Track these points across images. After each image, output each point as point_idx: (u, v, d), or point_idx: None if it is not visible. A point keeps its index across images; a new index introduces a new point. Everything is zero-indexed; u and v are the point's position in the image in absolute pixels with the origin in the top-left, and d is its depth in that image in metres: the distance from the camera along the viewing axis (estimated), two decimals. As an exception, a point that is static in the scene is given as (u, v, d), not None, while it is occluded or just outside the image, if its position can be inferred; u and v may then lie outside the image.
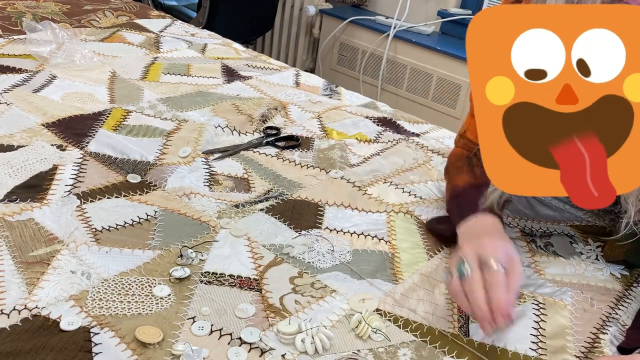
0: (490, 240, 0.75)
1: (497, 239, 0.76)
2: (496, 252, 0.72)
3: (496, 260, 0.70)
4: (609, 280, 0.89)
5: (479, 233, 0.79)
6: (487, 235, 0.76)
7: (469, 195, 0.89)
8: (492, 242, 0.74)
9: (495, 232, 0.80)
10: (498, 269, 0.70)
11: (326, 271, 0.84)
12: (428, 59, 2.61)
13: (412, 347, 0.72)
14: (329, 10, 2.97)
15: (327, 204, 1.01)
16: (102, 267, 0.79)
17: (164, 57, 1.62)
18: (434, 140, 1.31)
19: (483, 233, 0.78)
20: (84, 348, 0.66)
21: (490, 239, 0.75)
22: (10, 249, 0.80)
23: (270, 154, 1.16)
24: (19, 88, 1.30)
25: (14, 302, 0.71)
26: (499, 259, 0.71)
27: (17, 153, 1.04)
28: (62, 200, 0.93)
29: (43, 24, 1.54)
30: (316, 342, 0.70)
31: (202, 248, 0.86)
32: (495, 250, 0.72)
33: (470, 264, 0.71)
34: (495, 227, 0.82)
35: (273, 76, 1.58)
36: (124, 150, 1.09)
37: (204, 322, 0.72)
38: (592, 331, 0.79)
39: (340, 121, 1.34)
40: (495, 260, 0.70)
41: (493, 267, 0.70)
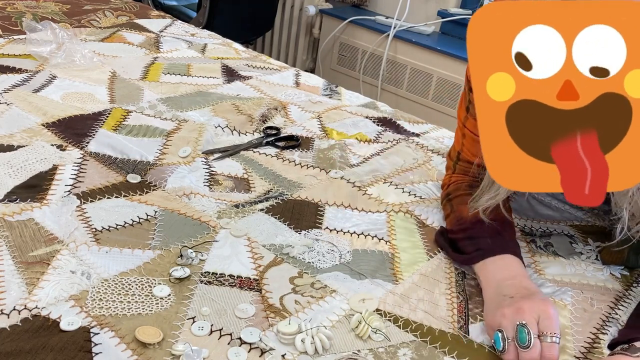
0: (528, 303, 0.71)
1: (534, 300, 0.72)
2: (554, 328, 0.68)
3: (533, 333, 0.68)
4: (609, 280, 0.89)
5: (518, 287, 0.76)
6: (522, 296, 0.73)
7: (480, 229, 0.86)
8: (530, 306, 0.70)
9: (528, 288, 0.76)
10: (533, 345, 0.67)
11: (326, 271, 0.84)
12: (428, 59, 2.61)
13: (412, 347, 0.72)
14: (329, 10, 2.97)
15: (327, 204, 1.01)
16: (102, 267, 0.79)
17: (164, 57, 1.62)
18: (434, 140, 1.31)
19: (523, 288, 0.75)
20: (84, 348, 0.66)
21: (528, 302, 0.71)
22: (10, 249, 0.80)
23: (270, 154, 1.16)
24: (19, 88, 1.30)
25: (14, 302, 0.71)
26: (534, 329, 0.68)
27: (17, 153, 1.04)
28: (62, 200, 0.93)
29: (43, 24, 1.54)
30: (316, 342, 0.70)
31: (202, 248, 0.86)
32: (552, 325, 0.69)
33: (508, 336, 0.69)
34: (526, 277, 0.79)
35: (273, 76, 1.58)
36: (124, 150, 1.09)
37: (204, 322, 0.72)
38: (592, 331, 0.79)
39: (340, 121, 1.34)
40: (532, 333, 0.68)
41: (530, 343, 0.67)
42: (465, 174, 0.97)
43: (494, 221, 0.86)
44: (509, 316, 0.70)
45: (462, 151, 0.96)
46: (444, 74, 2.57)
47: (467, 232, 0.88)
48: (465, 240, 0.87)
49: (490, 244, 0.84)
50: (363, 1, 2.97)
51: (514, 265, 0.81)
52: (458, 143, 0.97)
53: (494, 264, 0.82)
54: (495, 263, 0.82)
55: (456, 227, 0.90)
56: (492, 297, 0.77)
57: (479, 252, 0.84)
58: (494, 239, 0.85)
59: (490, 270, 0.81)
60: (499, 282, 0.78)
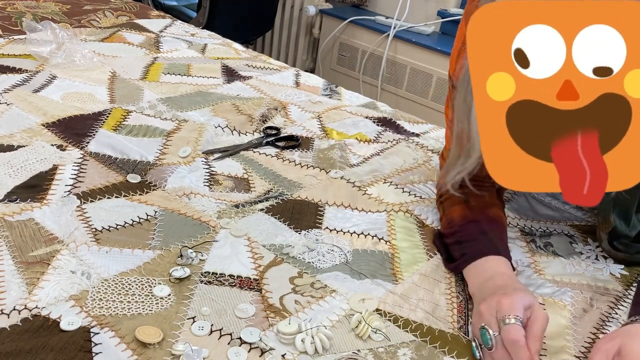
0: (507, 298, 0.70)
1: (513, 294, 0.71)
2: (514, 310, 0.68)
3: (516, 319, 0.67)
4: (609, 280, 0.89)
5: (492, 287, 0.75)
6: (502, 291, 0.72)
7: (467, 231, 0.87)
8: (508, 300, 0.70)
9: (509, 284, 0.76)
10: (516, 332, 0.66)
11: (326, 271, 0.84)
12: (428, 59, 2.61)
13: (412, 347, 0.72)
14: (329, 10, 2.97)
15: (327, 204, 1.01)
16: (102, 267, 0.79)
17: (164, 57, 1.62)
18: (433, 140, 1.31)
19: (496, 287, 0.75)
20: (84, 348, 0.66)
21: (506, 297, 0.70)
22: (10, 249, 0.80)
23: (270, 154, 1.16)
24: (19, 88, 1.30)
25: (14, 302, 0.71)
26: (518, 317, 0.68)
27: (17, 153, 1.04)
28: (62, 200, 0.93)
29: (43, 24, 1.54)
30: (316, 342, 0.70)
31: (202, 248, 0.86)
32: (513, 308, 0.69)
33: (492, 333, 0.68)
34: (506, 274, 0.79)
35: (273, 76, 1.58)
36: (124, 150, 1.09)
37: (204, 322, 0.72)
38: (592, 331, 0.79)
39: (340, 121, 1.34)
40: (515, 319, 0.67)
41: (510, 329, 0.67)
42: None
43: (482, 219, 0.86)
44: (475, 323, 0.73)
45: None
46: (444, 74, 2.57)
47: (456, 236, 0.88)
48: (454, 245, 0.88)
49: (474, 247, 0.84)
50: (363, 1, 2.97)
51: (494, 266, 0.81)
52: (448, 142, 0.96)
53: (474, 269, 0.82)
54: (476, 268, 0.82)
55: (447, 230, 0.91)
56: (475, 304, 0.77)
57: (464, 258, 0.84)
58: (477, 242, 0.85)
59: (472, 277, 0.82)
60: (478, 288, 0.79)
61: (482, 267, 0.81)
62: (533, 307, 0.70)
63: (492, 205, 0.90)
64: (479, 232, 0.86)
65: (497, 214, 0.90)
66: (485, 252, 0.83)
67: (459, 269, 0.85)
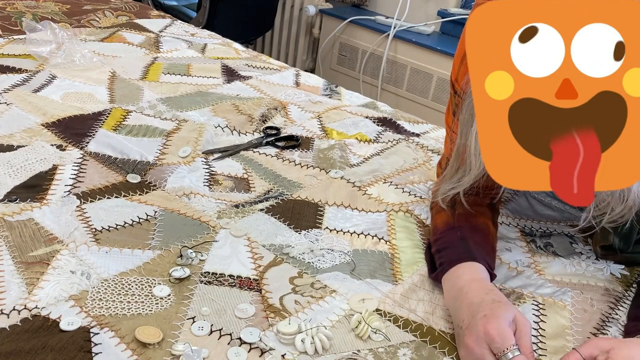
0: (492, 322, 0.67)
1: (495, 314, 0.68)
2: (508, 340, 0.66)
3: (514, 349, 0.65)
4: (609, 280, 0.89)
5: (466, 305, 0.72)
6: (481, 313, 0.69)
7: (447, 238, 0.85)
8: (494, 324, 0.67)
9: (482, 297, 0.72)
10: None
11: (326, 271, 0.84)
12: (428, 59, 2.61)
13: (412, 347, 0.72)
14: (329, 10, 2.97)
15: (327, 204, 1.01)
16: (102, 267, 0.79)
17: (163, 57, 1.62)
18: (433, 140, 1.31)
19: (470, 304, 0.72)
20: (84, 348, 0.66)
21: (491, 322, 0.67)
22: (10, 249, 0.80)
23: (270, 154, 1.16)
24: (19, 88, 1.30)
25: (13, 302, 0.71)
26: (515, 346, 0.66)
27: (17, 153, 1.04)
28: (62, 200, 0.93)
29: (43, 24, 1.54)
30: (316, 342, 0.70)
31: (202, 248, 0.86)
32: (505, 338, 0.66)
33: None
34: (476, 281, 0.76)
35: (273, 76, 1.58)
36: (123, 150, 1.09)
37: (203, 322, 0.72)
38: (592, 331, 0.79)
39: (340, 121, 1.34)
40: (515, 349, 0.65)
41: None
42: None
43: (464, 225, 0.84)
44: (464, 357, 0.69)
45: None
46: (444, 74, 2.57)
47: (438, 243, 0.86)
48: (436, 253, 0.85)
49: (450, 255, 0.81)
50: (363, 1, 2.97)
51: (465, 273, 0.78)
52: (447, 150, 0.94)
53: (448, 279, 0.79)
54: (450, 278, 0.79)
55: (432, 237, 0.89)
56: (453, 319, 0.76)
57: (441, 268, 0.81)
58: (454, 248, 0.82)
59: (446, 288, 0.79)
60: (451, 302, 0.76)
61: (454, 275, 0.78)
62: (515, 318, 0.68)
63: (479, 215, 0.88)
64: (458, 239, 0.83)
65: (483, 222, 0.87)
66: (460, 259, 0.80)
67: (438, 279, 0.82)
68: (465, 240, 0.83)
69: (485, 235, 0.86)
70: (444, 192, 0.83)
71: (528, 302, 0.82)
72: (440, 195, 0.84)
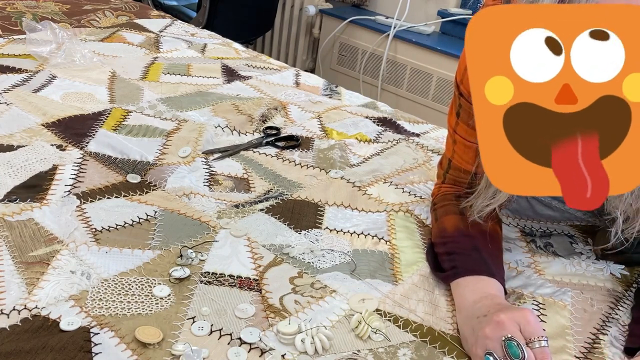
0: (505, 314, 0.69)
1: (510, 310, 0.70)
2: (538, 331, 0.67)
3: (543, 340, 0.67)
4: (609, 280, 0.89)
5: (489, 305, 0.73)
6: (497, 310, 0.71)
7: (459, 244, 0.84)
8: (508, 316, 0.68)
9: (500, 304, 0.74)
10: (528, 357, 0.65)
11: (326, 271, 0.84)
12: (428, 59, 2.61)
13: (412, 347, 0.72)
14: (329, 10, 2.97)
15: (327, 204, 1.01)
16: (102, 267, 0.79)
17: (163, 57, 1.62)
18: (433, 140, 1.31)
19: (488, 309, 0.72)
20: (84, 348, 0.66)
21: (505, 313, 0.69)
22: (10, 249, 0.80)
23: (270, 154, 1.16)
24: (19, 88, 1.30)
25: (13, 302, 0.71)
26: (544, 337, 0.67)
27: (17, 153, 1.04)
28: (62, 200, 0.93)
29: (43, 24, 1.54)
30: (316, 342, 0.70)
31: (202, 248, 0.86)
32: (536, 328, 0.67)
33: (499, 356, 0.66)
34: (498, 298, 0.76)
35: (273, 76, 1.58)
36: (123, 150, 1.09)
37: (203, 322, 0.72)
38: (592, 331, 0.79)
39: (340, 121, 1.34)
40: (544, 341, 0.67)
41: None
42: (454, 183, 0.95)
43: (477, 235, 0.84)
44: (491, 335, 0.68)
45: (454, 158, 0.93)
46: (444, 74, 2.57)
47: (447, 246, 0.86)
48: (444, 255, 0.85)
49: (465, 263, 0.81)
50: (363, 1, 2.97)
51: (487, 286, 0.78)
52: (449, 150, 0.94)
53: (465, 285, 0.79)
54: (467, 284, 0.79)
55: (438, 239, 0.88)
56: (465, 321, 0.75)
57: (453, 271, 0.81)
58: (469, 257, 0.82)
59: (461, 293, 0.79)
60: (470, 304, 0.76)
61: (475, 285, 0.78)
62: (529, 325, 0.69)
63: (488, 219, 0.87)
64: (472, 248, 0.83)
65: (492, 228, 0.87)
66: (478, 271, 0.79)
67: (448, 280, 0.82)
68: (479, 251, 0.82)
69: (496, 243, 0.86)
70: (479, 210, 0.82)
71: (528, 302, 0.82)
72: (475, 213, 0.83)
